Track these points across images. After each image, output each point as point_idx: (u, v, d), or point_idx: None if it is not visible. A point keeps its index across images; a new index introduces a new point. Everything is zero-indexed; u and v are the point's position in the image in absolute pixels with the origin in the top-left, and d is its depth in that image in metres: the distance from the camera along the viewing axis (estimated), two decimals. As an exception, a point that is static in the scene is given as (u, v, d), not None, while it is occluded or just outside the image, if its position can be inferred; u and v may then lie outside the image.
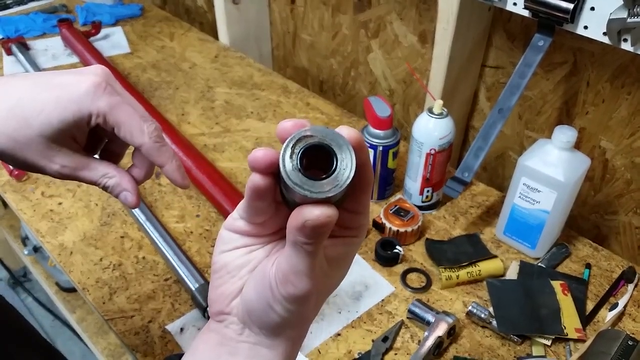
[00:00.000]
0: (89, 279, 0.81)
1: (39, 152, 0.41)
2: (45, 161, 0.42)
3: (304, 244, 0.30)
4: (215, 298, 0.37)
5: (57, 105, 0.40)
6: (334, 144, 0.28)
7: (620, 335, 0.68)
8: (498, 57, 1.01)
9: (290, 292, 0.32)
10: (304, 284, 0.31)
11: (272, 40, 1.51)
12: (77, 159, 0.43)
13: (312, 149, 0.28)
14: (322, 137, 0.28)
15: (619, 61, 0.84)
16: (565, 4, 0.71)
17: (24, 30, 1.45)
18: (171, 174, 0.44)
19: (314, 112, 1.18)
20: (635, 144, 0.88)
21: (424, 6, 1.06)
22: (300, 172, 0.28)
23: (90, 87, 0.41)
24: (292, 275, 0.31)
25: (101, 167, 0.44)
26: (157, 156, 0.43)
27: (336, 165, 0.28)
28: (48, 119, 0.40)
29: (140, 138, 0.42)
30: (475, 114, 1.11)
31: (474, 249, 0.84)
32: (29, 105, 0.40)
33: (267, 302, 0.33)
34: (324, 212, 0.28)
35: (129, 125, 0.42)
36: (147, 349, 0.72)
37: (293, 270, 0.31)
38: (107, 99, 0.41)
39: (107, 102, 0.41)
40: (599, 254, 0.86)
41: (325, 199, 0.28)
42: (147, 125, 0.42)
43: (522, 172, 0.79)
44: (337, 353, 0.72)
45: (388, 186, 0.95)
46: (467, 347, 0.73)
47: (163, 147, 0.43)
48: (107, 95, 0.41)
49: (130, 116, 0.42)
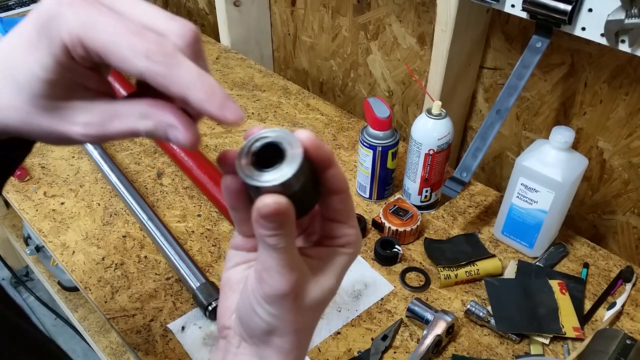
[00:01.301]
0: (90, 278, 0.82)
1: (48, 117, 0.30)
2: (63, 125, 0.30)
3: (265, 236, 0.31)
4: (220, 314, 0.38)
5: (30, 45, 0.28)
6: (285, 142, 0.30)
7: (619, 334, 0.69)
8: (496, 59, 1.01)
9: (266, 291, 0.32)
10: (277, 282, 0.32)
11: (273, 42, 1.52)
12: (99, 109, 0.30)
13: (266, 148, 0.31)
14: (275, 137, 0.31)
15: (616, 62, 0.85)
16: (563, 6, 0.71)
17: (26, 32, 1.46)
18: (201, 106, 0.27)
19: (314, 113, 1.19)
20: (633, 144, 0.88)
21: (423, 8, 1.07)
22: (251, 166, 0.30)
23: (52, 5, 0.27)
24: (264, 273, 0.32)
25: (134, 108, 0.30)
26: (168, 85, 0.27)
27: (284, 159, 0.30)
28: (30, 71, 0.28)
29: (135, 62, 0.27)
30: (474, 115, 1.12)
31: (472, 248, 0.85)
32: (10, 59, 0.29)
33: (251, 305, 0.34)
34: (273, 199, 0.29)
35: (115, 47, 0.27)
36: (149, 348, 0.73)
37: (264, 268, 0.32)
38: (75, 15, 0.27)
39: (76, 18, 0.27)
40: (596, 253, 0.87)
41: (274, 190, 0.30)
42: (140, 39, 0.27)
43: (520, 172, 0.79)
44: (336, 351, 0.73)
45: (387, 186, 0.95)
46: (465, 345, 0.73)
47: (175, 69, 0.27)
48: (77, 8, 0.27)
49: (116, 32, 0.27)
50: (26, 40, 0.28)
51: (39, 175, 1.01)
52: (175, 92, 0.27)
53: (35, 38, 0.28)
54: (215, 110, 0.27)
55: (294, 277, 0.32)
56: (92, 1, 0.27)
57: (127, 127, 0.30)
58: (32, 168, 1.02)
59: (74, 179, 1.01)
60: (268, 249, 0.31)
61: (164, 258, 0.84)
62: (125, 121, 0.30)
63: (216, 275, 0.83)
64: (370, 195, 0.96)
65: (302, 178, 0.30)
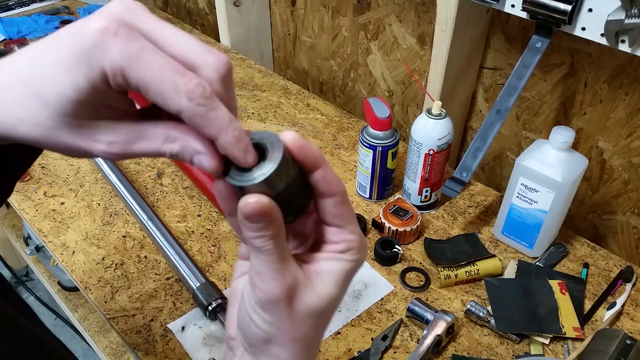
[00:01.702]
0: (90, 278, 0.82)
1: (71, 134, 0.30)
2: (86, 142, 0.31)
3: (251, 238, 0.31)
4: (228, 325, 0.38)
5: (65, 68, 0.28)
6: (267, 143, 0.31)
7: (619, 334, 0.69)
8: (496, 59, 1.01)
9: (259, 296, 0.32)
10: (268, 286, 0.31)
11: (273, 42, 1.52)
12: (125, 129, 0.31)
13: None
14: (259, 138, 0.31)
15: (616, 62, 0.85)
16: (563, 6, 0.71)
17: (26, 32, 1.46)
18: (228, 149, 0.30)
19: (314, 113, 1.19)
20: (633, 144, 0.88)
21: (423, 8, 1.07)
22: (235, 167, 0.31)
23: (96, 34, 0.28)
24: (255, 277, 0.32)
25: (160, 130, 0.31)
26: (204, 125, 0.29)
27: (266, 159, 0.30)
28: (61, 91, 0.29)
29: (176, 101, 0.28)
30: (474, 115, 1.12)
31: (472, 248, 0.85)
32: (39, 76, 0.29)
33: (247, 312, 0.33)
34: (255, 198, 0.29)
35: (158, 83, 0.28)
36: (149, 348, 0.73)
37: (255, 272, 0.32)
38: (121, 48, 0.28)
39: (121, 52, 0.28)
40: (596, 253, 0.87)
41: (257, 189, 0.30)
42: (184, 80, 0.28)
43: (520, 172, 0.80)
44: (337, 351, 0.73)
45: (387, 186, 0.95)
46: (465, 345, 0.73)
47: (212, 112, 0.29)
48: (122, 41, 0.28)
49: (160, 68, 0.28)
50: (61, 62, 0.29)
51: (39, 175, 1.01)
52: (208, 133, 0.30)
53: (72, 62, 0.28)
54: (240, 153, 0.30)
55: (286, 281, 0.32)
56: (136, 34, 0.28)
57: (152, 148, 0.31)
58: (32, 168, 1.02)
59: (74, 179, 1.01)
60: (257, 252, 0.31)
61: (164, 258, 0.84)
62: (151, 143, 0.31)
63: (216, 275, 0.83)
64: (370, 195, 0.96)
65: (285, 177, 0.30)
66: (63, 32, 0.30)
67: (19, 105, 0.30)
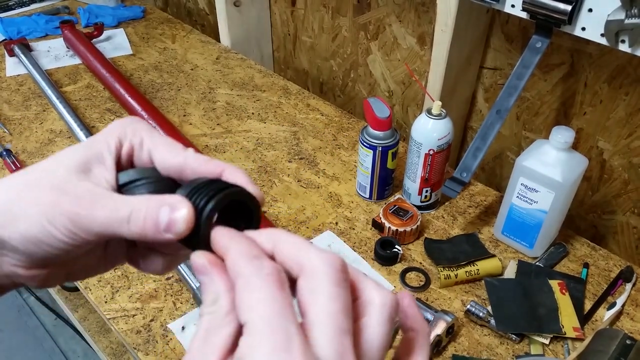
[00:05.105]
0: (90, 277, 0.82)
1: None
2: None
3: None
4: None
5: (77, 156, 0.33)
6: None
7: (619, 334, 0.69)
8: (496, 59, 1.02)
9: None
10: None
11: (273, 42, 1.52)
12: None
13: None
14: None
15: (616, 62, 0.85)
16: (563, 6, 0.71)
17: (27, 32, 1.46)
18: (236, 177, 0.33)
19: (314, 113, 1.19)
20: (633, 144, 0.89)
21: (423, 8, 1.07)
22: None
23: (111, 128, 0.35)
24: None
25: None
26: (208, 165, 0.34)
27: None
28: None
29: (182, 153, 0.34)
30: (474, 115, 1.12)
31: (472, 248, 0.85)
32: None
33: None
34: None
35: (167, 145, 0.35)
36: (149, 348, 0.73)
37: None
38: (135, 128, 0.35)
39: (136, 128, 0.35)
40: (596, 253, 0.87)
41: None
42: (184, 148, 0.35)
43: (520, 173, 0.80)
44: (336, 351, 0.73)
45: (387, 186, 0.95)
46: (465, 345, 0.73)
47: (211, 160, 0.34)
48: (133, 124, 0.35)
49: (166, 138, 0.36)
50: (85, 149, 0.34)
51: (39, 175, 1.01)
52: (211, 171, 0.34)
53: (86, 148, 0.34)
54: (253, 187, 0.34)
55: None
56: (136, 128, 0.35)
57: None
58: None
59: (74, 179, 1.00)
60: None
61: (164, 258, 0.84)
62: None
63: (216, 275, 0.82)
64: (370, 196, 0.96)
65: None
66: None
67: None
